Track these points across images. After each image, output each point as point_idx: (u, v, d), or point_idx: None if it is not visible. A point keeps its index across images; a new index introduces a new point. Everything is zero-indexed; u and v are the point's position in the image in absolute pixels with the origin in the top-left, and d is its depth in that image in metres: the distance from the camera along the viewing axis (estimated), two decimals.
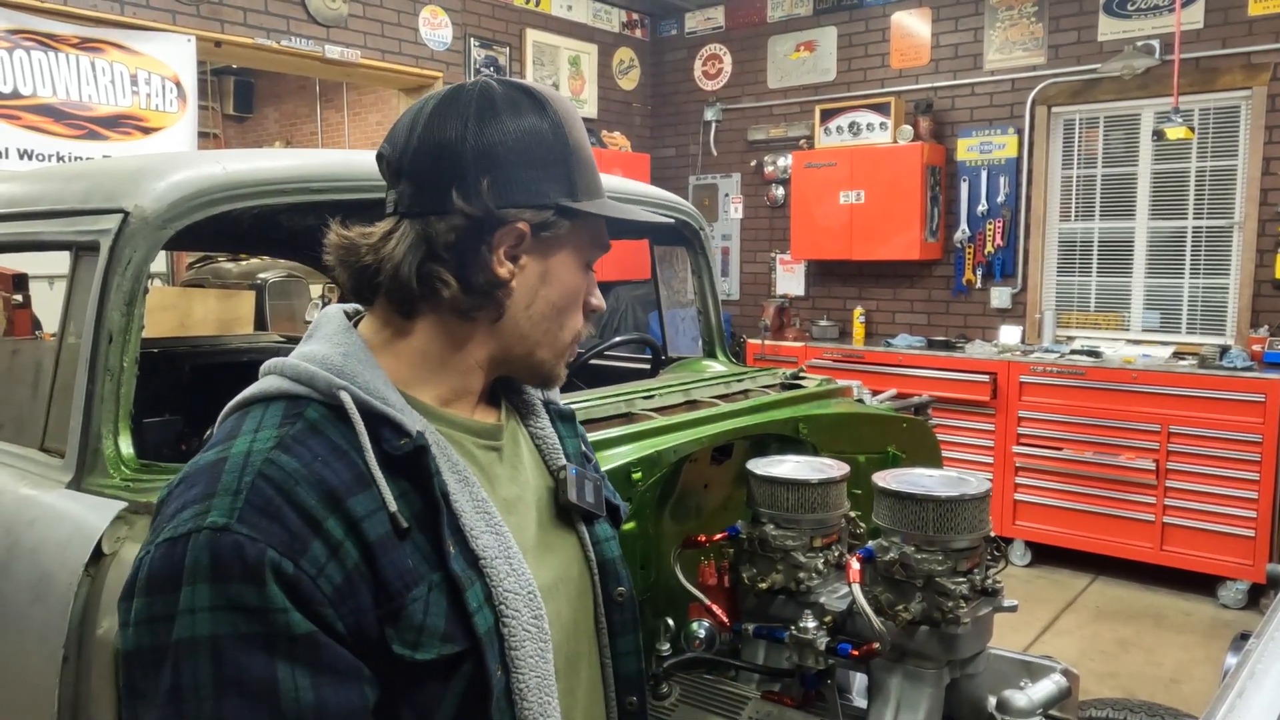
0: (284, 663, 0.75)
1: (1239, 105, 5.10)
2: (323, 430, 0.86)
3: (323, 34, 5.25)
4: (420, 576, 0.84)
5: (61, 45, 4.26)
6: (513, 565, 0.90)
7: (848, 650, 1.56)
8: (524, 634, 0.88)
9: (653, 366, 2.88)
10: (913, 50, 6.13)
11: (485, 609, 0.86)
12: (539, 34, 6.51)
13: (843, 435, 2.22)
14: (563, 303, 0.98)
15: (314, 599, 0.78)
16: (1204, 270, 5.30)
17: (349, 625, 0.80)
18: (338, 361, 0.90)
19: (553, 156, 0.93)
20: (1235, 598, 4.61)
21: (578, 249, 0.98)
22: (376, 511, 0.83)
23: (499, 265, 0.92)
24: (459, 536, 0.87)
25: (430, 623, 0.83)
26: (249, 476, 0.80)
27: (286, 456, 0.82)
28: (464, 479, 0.91)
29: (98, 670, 1.32)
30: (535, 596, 0.90)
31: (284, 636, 0.76)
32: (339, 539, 0.80)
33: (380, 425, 0.87)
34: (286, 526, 0.78)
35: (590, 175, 0.98)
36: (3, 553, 1.53)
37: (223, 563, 0.76)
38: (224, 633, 0.75)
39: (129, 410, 1.53)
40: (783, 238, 6.73)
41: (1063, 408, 5.05)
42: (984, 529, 1.58)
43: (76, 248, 1.65)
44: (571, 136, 0.96)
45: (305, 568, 0.78)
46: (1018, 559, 5.21)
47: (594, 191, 0.98)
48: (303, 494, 0.80)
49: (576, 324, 1.01)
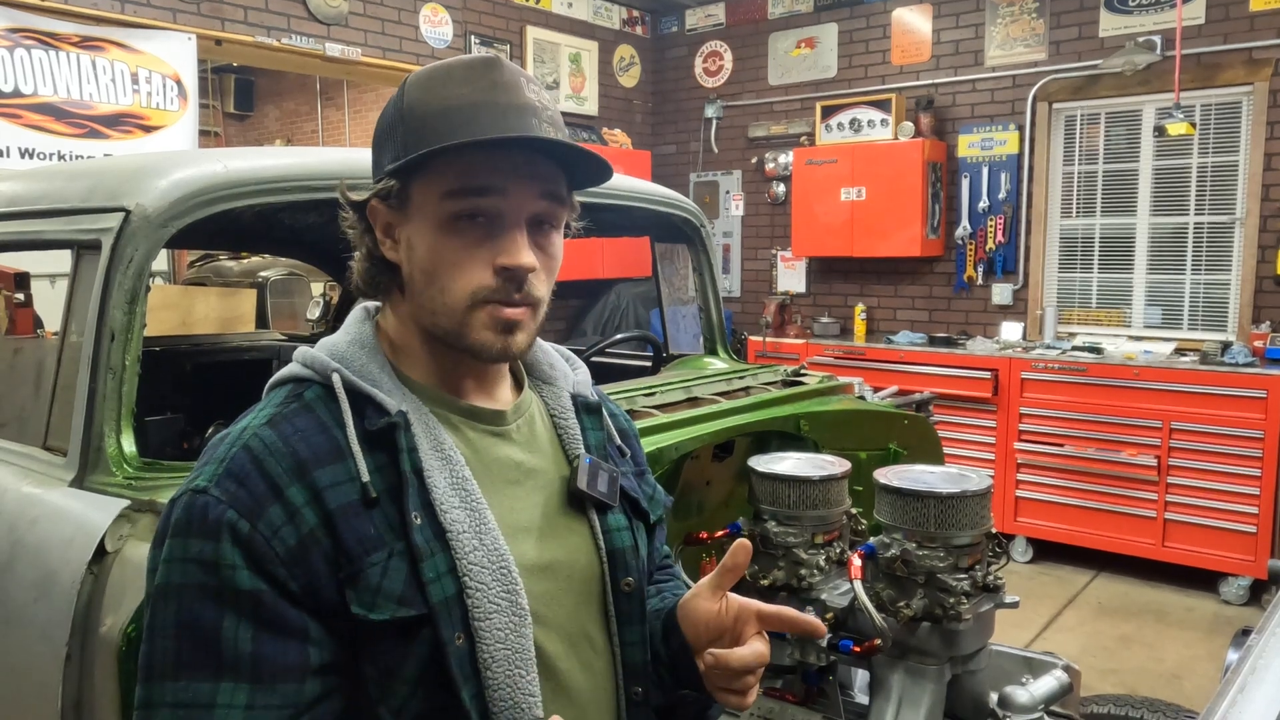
0: (230, 614, 0.85)
1: (1240, 101, 5.09)
2: (314, 409, 0.95)
3: (323, 32, 5.25)
4: (383, 543, 0.90)
5: (62, 44, 4.27)
6: (483, 540, 0.92)
7: (849, 647, 1.56)
8: (491, 606, 0.91)
9: (654, 364, 2.88)
10: (914, 46, 6.12)
11: (447, 579, 0.90)
12: (539, 31, 6.51)
13: (844, 432, 2.22)
14: (430, 266, 0.94)
15: (266, 558, 0.86)
16: (1205, 266, 5.29)
17: (302, 585, 0.87)
18: (342, 348, 0.99)
19: (387, 131, 0.98)
20: (1237, 594, 4.61)
21: (428, 208, 0.94)
22: (345, 482, 0.90)
23: (383, 245, 0.99)
24: (429, 509, 0.92)
25: (387, 586, 0.88)
26: (235, 448, 0.90)
27: (269, 431, 0.92)
28: (446, 457, 0.95)
29: (100, 668, 1.32)
30: (509, 572, 0.93)
31: (231, 590, 0.85)
32: (298, 505, 0.88)
33: (366, 404, 0.95)
34: (250, 491, 0.87)
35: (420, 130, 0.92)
36: (6, 551, 1.53)
37: (192, 520, 0.87)
38: (186, 582, 0.86)
39: (131, 408, 1.53)
40: (784, 234, 6.73)
41: (1064, 404, 5.05)
42: (985, 525, 1.58)
43: (78, 246, 1.66)
44: (407, 100, 0.95)
45: (261, 529, 0.86)
46: (1019, 555, 5.21)
47: (424, 143, 0.91)
48: (271, 463, 0.89)
49: (465, 285, 0.93)
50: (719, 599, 1.02)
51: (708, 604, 1.02)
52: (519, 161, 0.94)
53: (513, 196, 0.94)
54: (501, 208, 0.93)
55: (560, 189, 0.98)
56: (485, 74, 0.94)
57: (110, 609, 1.33)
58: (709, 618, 1.02)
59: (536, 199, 0.95)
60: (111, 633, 1.31)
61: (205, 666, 0.84)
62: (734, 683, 0.99)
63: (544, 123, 0.94)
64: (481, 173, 0.92)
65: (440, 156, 0.91)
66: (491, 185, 0.93)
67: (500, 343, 0.95)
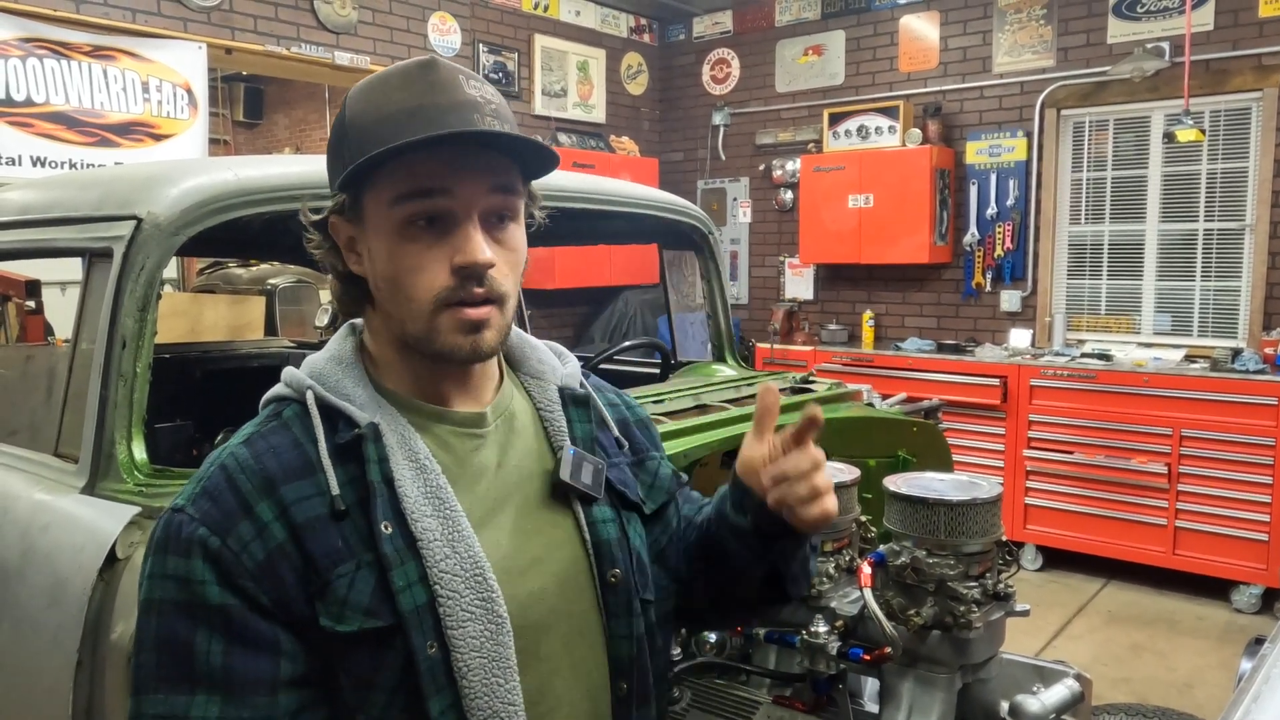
0: (202, 629, 0.87)
1: (1250, 107, 5.07)
2: (290, 426, 0.97)
3: (332, 40, 5.27)
4: (351, 554, 0.90)
5: (74, 53, 4.30)
6: (455, 548, 0.92)
7: (859, 655, 1.55)
8: (464, 615, 0.91)
9: (662, 371, 2.88)
10: (921, 53, 6.13)
11: (417, 587, 0.91)
12: (547, 39, 6.53)
13: (853, 439, 2.22)
14: (391, 274, 0.94)
15: (236, 572, 0.88)
16: (1215, 273, 5.27)
17: (272, 599, 0.88)
18: (320, 365, 1.01)
19: (334, 148, 0.98)
20: (1249, 602, 4.58)
21: (380, 217, 0.94)
22: (313, 496, 0.92)
23: (350, 261, 1.00)
24: (400, 519, 0.92)
25: (354, 598, 0.89)
26: (212, 468, 0.93)
27: (244, 449, 0.94)
28: (420, 466, 0.95)
29: (111, 674, 1.33)
30: (484, 580, 0.92)
31: (202, 605, 0.87)
32: (267, 521, 0.90)
33: (338, 419, 0.96)
34: (221, 508, 0.90)
35: (362, 140, 0.92)
36: (18, 558, 1.54)
37: (169, 538, 0.90)
38: (163, 598, 0.88)
39: (142, 416, 1.54)
40: (791, 241, 6.72)
41: (1073, 411, 5.03)
42: (996, 533, 1.57)
43: (90, 254, 1.67)
44: (348, 114, 0.95)
45: (230, 544, 0.88)
46: (1029, 563, 5.19)
47: (366, 149, 0.91)
48: (242, 480, 0.91)
49: (427, 288, 0.93)
50: (765, 443, 1.03)
51: (758, 450, 1.03)
52: (463, 158, 0.93)
53: (460, 194, 0.93)
54: (451, 207, 0.93)
55: (511, 180, 0.97)
56: (422, 77, 0.93)
57: (121, 615, 1.33)
58: (762, 463, 1.02)
59: (487, 194, 0.94)
60: (122, 639, 1.31)
61: (182, 680, 0.86)
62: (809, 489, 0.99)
63: (486, 117, 0.93)
64: (425, 174, 0.92)
65: (383, 163, 0.91)
66: (437, 186, 0.92)
67: (469, 343, 0.95)
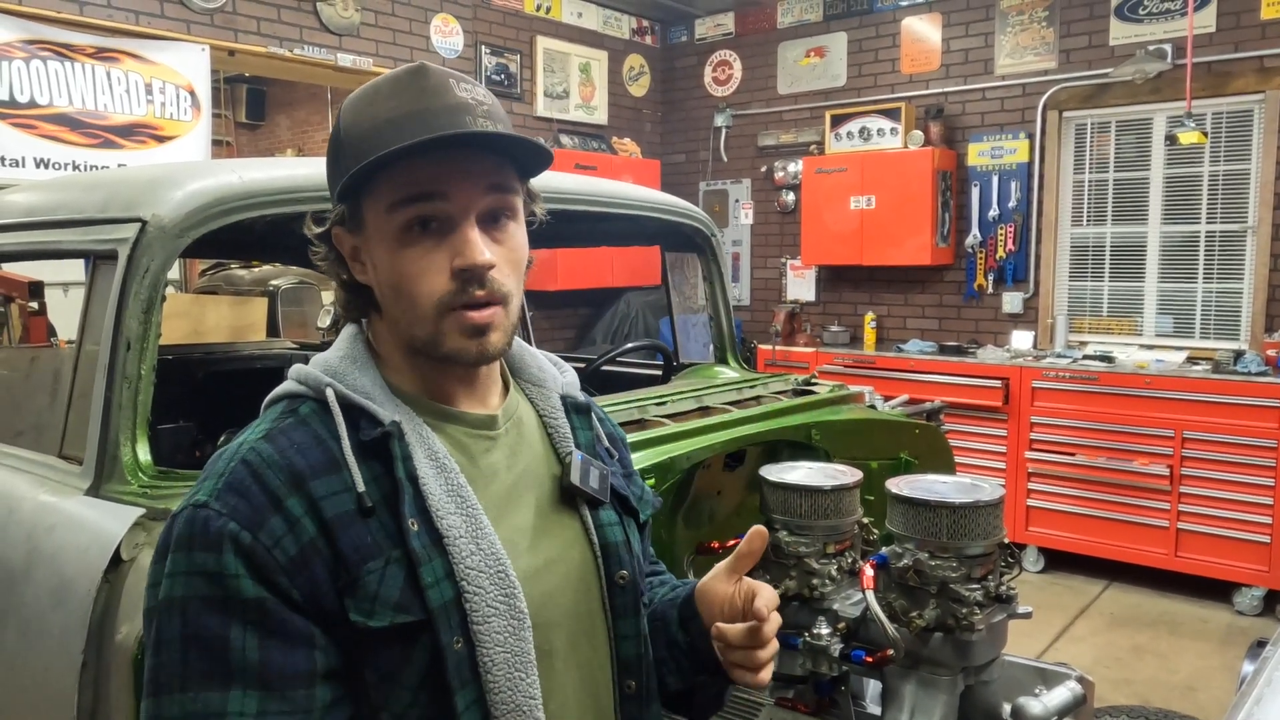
0: (236, 623, 0.86)
1: (1252, 109, 5.07)
2: (309, 422, 0.96)
3: (335, 42, 5.28)
4: (380, 551, 0.91)
5: (77, 55, 4.30)
6: (479, 545, 0.93)
7: (861, 657, 1.56)
8: (489, 610, 0.92)
9: (664, 373, 2.88)
10: (923, 55, 6.13)
11: (444, 583, 0.91)
12: (549, 41, 6.53)
13: (855, 441, 2.22)
14: (394, 280, 0.95)
15: (269, 567, 0.87)
16: (1217, 275, 5.27)
17: (304, 594, 0.88)
18: (334, 364, 1.00)
19: (331, 158, 0.99)
20: (1251, 604, 4.58)
21: (380, 224, 0.95)
22: (341, 492, 0.91)
23: (354, 270, 1.00)
24: (425, 516, 0.93)
25: (384, 593, 0.89)
26: (233, 463, 0.92)
27: (266, 445, 0.93)
28: (440, 465, 0.96)
29: (117, 675, 1.33)
30: (506, 576, 0.94)
31: (236, 600, 0.86)
32: (298, 516, 0.89)
33: (360, 416, 0.96)
34: (250, 503, 0.88)
35: (357, 150, 0.93)
36: (23, 559, 1.54)
37: (194, 534, 0.88)
38: (190, 594, 0.86)
39: (146, 417, 1.55)
40: (793, 243, 6.73)
41: (1075, 413, 5.02)
42: (998, 535, 1.57)
43: (95, 256, 1.67)
44: (343, 125, 0.96)
45: (262, 539, 0.87)
46: (1031, 565, 5.19)
47: (361, 158, 0.92)
48: (270, 476, 0.90)
49: (429, 293, 0.94)
50: (734, 582, 1.04)
51: (724, 587, 1.05)
52: (456, 160, 0.93)
53: (456, 197, 0.93)
54: (448, 210, 0.93)
55: (507, 180, 0.97)
56: (412, 83, 0.94)
57: (126, 617, 1.34)
58: (724, 601, 1.04)
59: (483, 194, 0.95)
60: (127, 640, 1.32)
61: (214, 676, 0.85)
62: (748, 660, 1.01)
63: (478, 118, 0.93)
64: (420, 179, 0.92)
65: (379, 171, 0.92)
66: (432, 190, 0.93)
67: (475, 346, 0.96)
